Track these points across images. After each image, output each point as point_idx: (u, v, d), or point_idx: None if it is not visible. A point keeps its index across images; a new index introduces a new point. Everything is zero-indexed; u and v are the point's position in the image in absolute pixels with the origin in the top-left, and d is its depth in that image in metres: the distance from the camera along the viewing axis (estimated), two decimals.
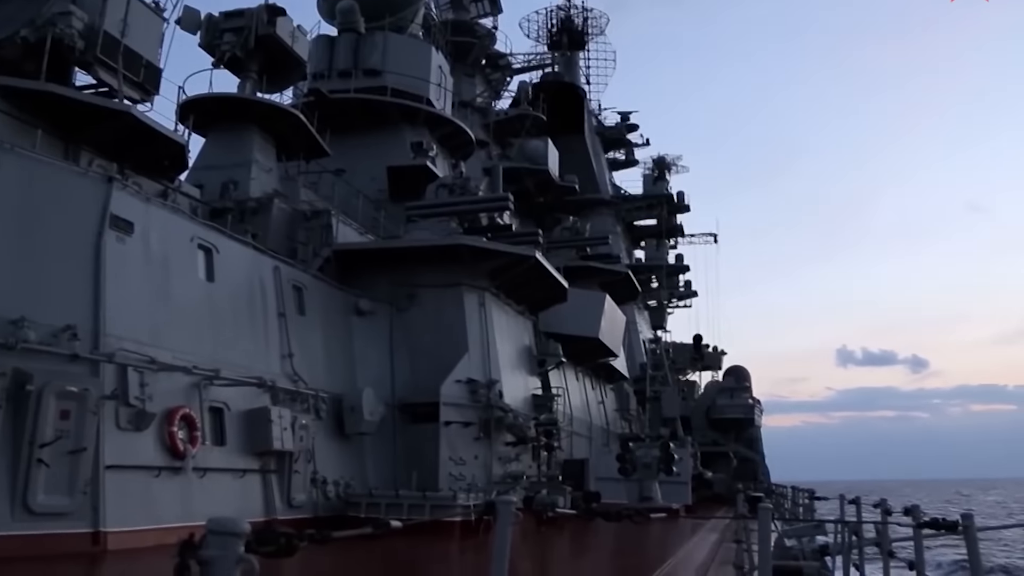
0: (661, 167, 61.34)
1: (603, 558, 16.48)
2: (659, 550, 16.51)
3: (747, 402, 51.89)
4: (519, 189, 33.54)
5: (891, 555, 7.96)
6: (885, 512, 8.24)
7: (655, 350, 50.21)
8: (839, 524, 12.20)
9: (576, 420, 30.58)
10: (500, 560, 3.12)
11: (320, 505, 16.60)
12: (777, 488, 37.04)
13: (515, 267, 22.03)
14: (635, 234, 60.34)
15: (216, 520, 2.33)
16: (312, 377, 17.17)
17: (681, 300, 64.63)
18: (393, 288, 20.61)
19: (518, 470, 21.12)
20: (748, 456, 50.15)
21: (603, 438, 34.59)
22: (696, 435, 46.15)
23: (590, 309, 29.95)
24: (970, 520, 4.89)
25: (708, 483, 40.16)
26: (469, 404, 19.97)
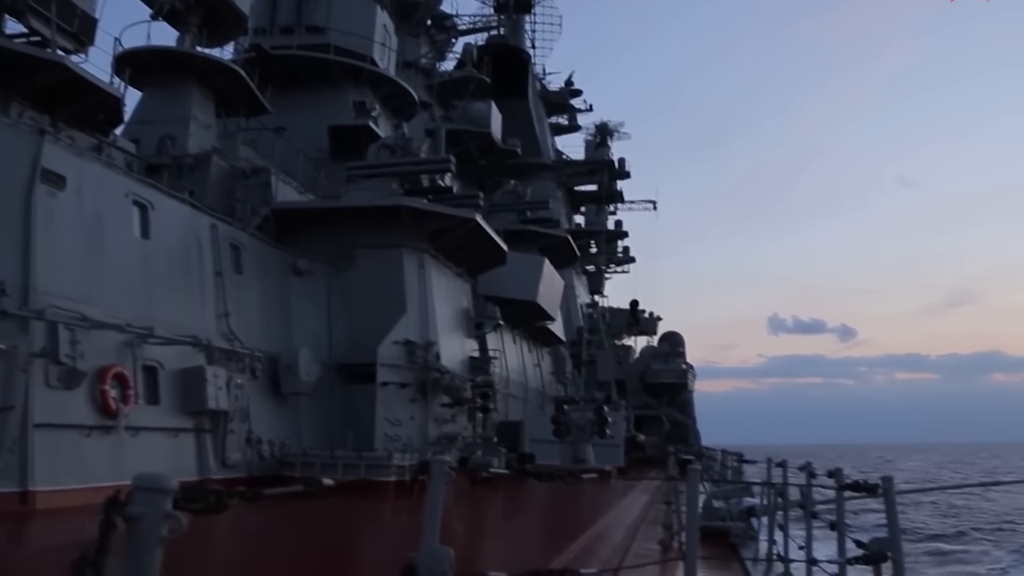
0: (603, 133, 61.51)
1: (536, 518, 16.80)
2: (591, 510, 16.86)
3: (681, 367, 52.75)
4: (461, 151, 33.45)
5: (814, 516, 8.27)
6: (810, 475, 8.54)
7: (592, 314, 50.76)
8: (765, 486, 12.58)
9: (512, 382, 30.87)
10: (433, 519, 3.24)
11: (254, 465, 16.62)
12: (707, 451, 37.85)
13: (455, 229, 22.07)
14: (575, 199, 60.60)
15: (143, 476, 2.26)
16: (248, 336, 17.09)
17: (619, 266, 65.26)
18: (332, 248, 20.51)
19: (454, 431, 21.33)
20: (680, 420, 51.11)
21: (538, 400, 34.98)
22: (630, 399, 46.90)
23: (529, 273, 30.16)
24: (890, 483, 5.16)
25: (640, 446, 40.88)
26: (406, 365, 20.06)
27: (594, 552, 10.95)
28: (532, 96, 51.27)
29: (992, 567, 34.04)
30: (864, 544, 5.30)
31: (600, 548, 11.48)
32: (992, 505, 56.92)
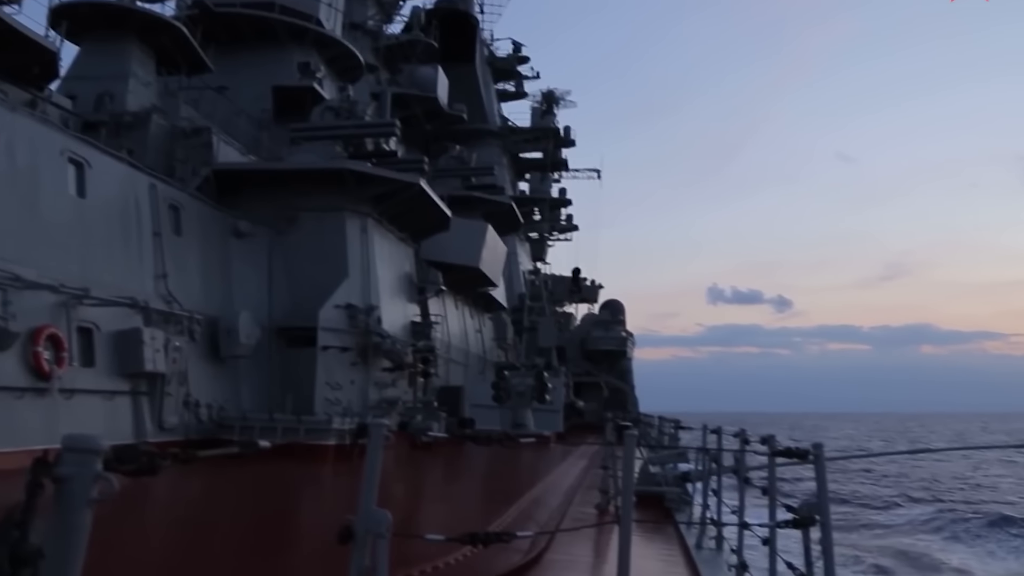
0: (549, 101, 61.33)
1: (475, 482, 16.95)
2: (529, 475, 17.05)
3: (620, 335, 53.24)
4: (407, 116, 33.16)
5: (747, 481, 8.46)
6: (743, 441, 8.73)
7: (534, 281, 50.92)
8: (700, 452, 12.82)
9: (453, 348, 30.92)
10: (370, 482, 3.27)
11: (192, 428, 16.49)
12: (645, 418, 38.33)
13: (399, 194, 21.95)
14: (520, 166, 60.46)
15: (72, 437, 2.19)
16: (187, 298, 16.88)
17: (562, 233, 65.40)
18: (274, 210, 20.29)
19: (394, 396, 21.34)
20: (619, 387, 51.68)
21: (479, 366, 35.09)
22: (570, 365, 47.27)
23: (472, 239, 30.09)
24: (820, 450, 5.31)
25: (580, 412, 41.27)
26: (347, 329, 19.99)
27: (532, 516, 11.10)
28: (479, 62, 50.90)
29: (916, 531, 35.20)
30: (794, 508, 5.46)
31: (538, 512, 11.64)
32: (919, 471, 58.74)
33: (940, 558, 28.77)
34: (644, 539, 11.11)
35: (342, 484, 13.99)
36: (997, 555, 29.82)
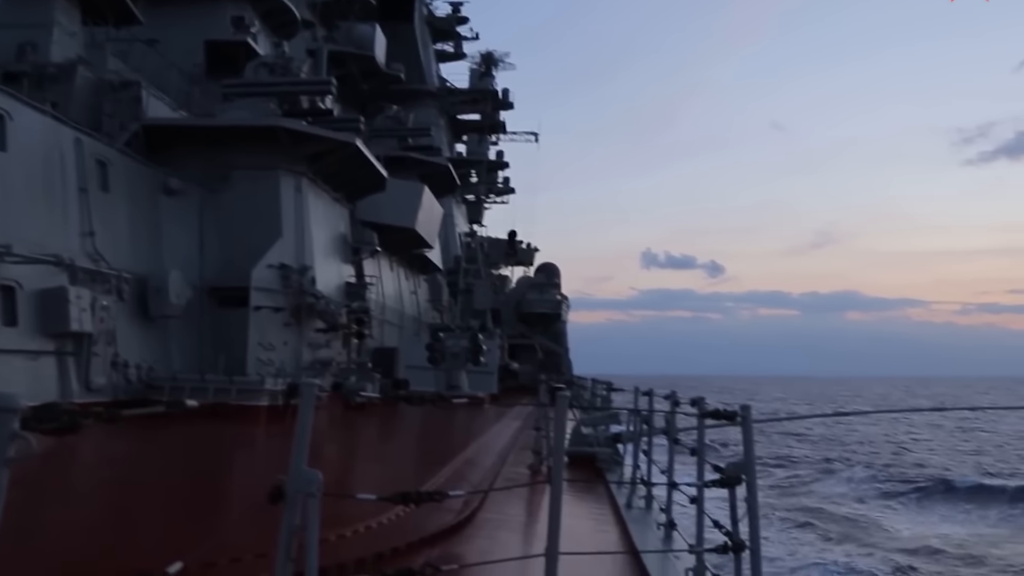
0: (488, 63, 60.88)
1: (409, 443, 17.00)
2: (463, 436, 17.15)
3: (556, 298, 53.54)
4: (343, 74, 32.64)
5: (677, 442, 8.62)
6: (674, 403, 8.88)
7: (470, 244, 50.85)
8: (632, 414, 13.03)
9: (388, 309, 30.81)
10: (301, 442, 3.25)
11: (121, 389, 16.18)
12: (578, 380, 38.76)
13: (334, 153, 21.67)
14: (458, 128, 60.07)
15: None
16: (115, 257, 16.49)
17: (499, 196, 65.32)
18: (205, 168, 19.88)
19: (328, 357, 21.21)
20: (553, 349, 52.08)
21: (414, 327, 35.03)
22: (505, 328, 47.45)
23: (408, 200, 29.89)
24: (747, 411, 5.41)
25: (514, 374, 41.55)
26: (280, 290, 19.77)
27: (465, 476, 11.19)
28: (418, 21, 50.22)
29: (838, 488, 36.32)
30: (721, 468, 5.56)
31: (471, 472, 11.73)
32: (845, 434, 60.47)
33: (848, 512, 29.78)
34: (576, 498, 11.27)
35: (275, 445, 13.92)
36: (913, 513, 30.93)
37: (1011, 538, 25.49)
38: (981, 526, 28.01)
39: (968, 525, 28.15)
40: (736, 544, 5.17)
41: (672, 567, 7.10)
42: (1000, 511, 30.76)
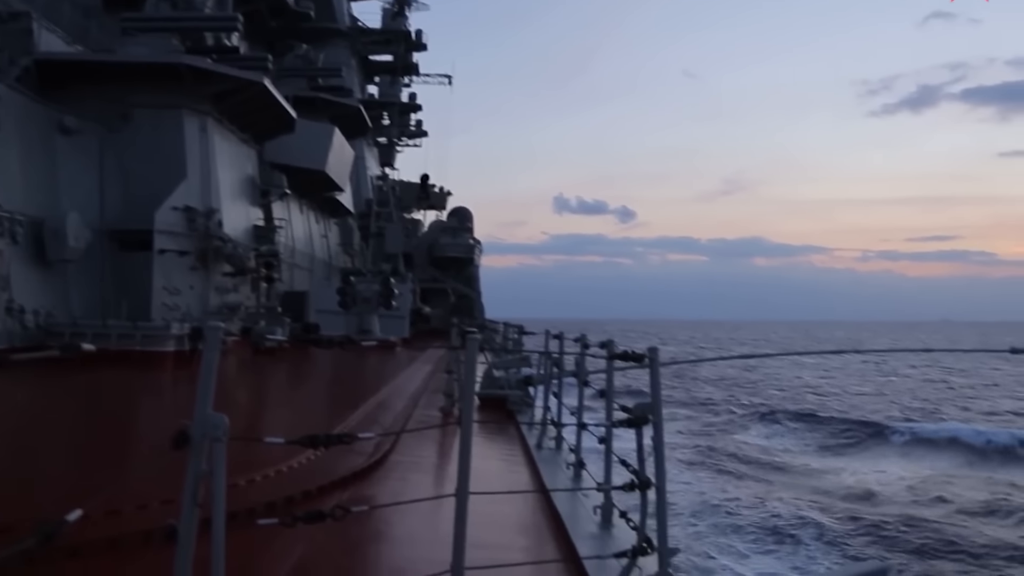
0: (401, 2, 59.65)
1: (320, 386, 16.90)
2: (374, 380, 17.12)
3: (468, 242, 53.46)
4: (250, 11, 31.52)
5: (586, 384, 8.74)
6: (584, 346, 8.96)
7: (382, 187, 50.29)
8: (543, 357, 13.18)
9: (298, 252, 30.38)
10: (206, 385, 3.19)
11: (17, 335, 15.63)
12: (490, 324, 38.95)
13: (241, 92, 21.07)
14: (369, 69, 58.89)
15: None
16: (7, 198, 15.83)
17: (411, 139, 64.54)
18: (104, 106, 19.14)
19: (236, 301, 20.86)
20: (466, 293, 52.14)
21: (325, 271, 34.65)
22: (417, 272, 47.23)
23: (318, 141, 29.33)
24: (655, 353, 5.50)
25: (426, 318, 41.53)
26: (186, 233, 19.29)
27: (376, 419, 11.19)
28: None
29: (745, 427, 37.52)
30: (629, 409, 5.65)
31: (383, 415, 11.74)
32: (751, 375, 62.35)
33: (745, 442, 30.87)
34: (487, 440, 11.39)
35: (182, 391, 13.68)
36: (813, 449, 32.17)
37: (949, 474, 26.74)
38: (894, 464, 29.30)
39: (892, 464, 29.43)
40: (643, 482, 5.29)
41: (581, 505, 7.25)
42: (884, 448, 32.29)
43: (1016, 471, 26.01)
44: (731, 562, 16.60)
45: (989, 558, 16.81)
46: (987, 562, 16.69)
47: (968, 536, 18.11)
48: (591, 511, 6.90)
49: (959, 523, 19.10)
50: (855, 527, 18.78)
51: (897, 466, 27.63)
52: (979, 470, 26.66)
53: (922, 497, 22.09)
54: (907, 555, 17.00)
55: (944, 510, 20.60)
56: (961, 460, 28.52)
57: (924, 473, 26.23)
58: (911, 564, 16.54)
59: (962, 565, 16.62)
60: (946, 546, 17.51)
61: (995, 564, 16.60)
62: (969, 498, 21.84)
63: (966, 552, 17.18)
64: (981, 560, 16.74)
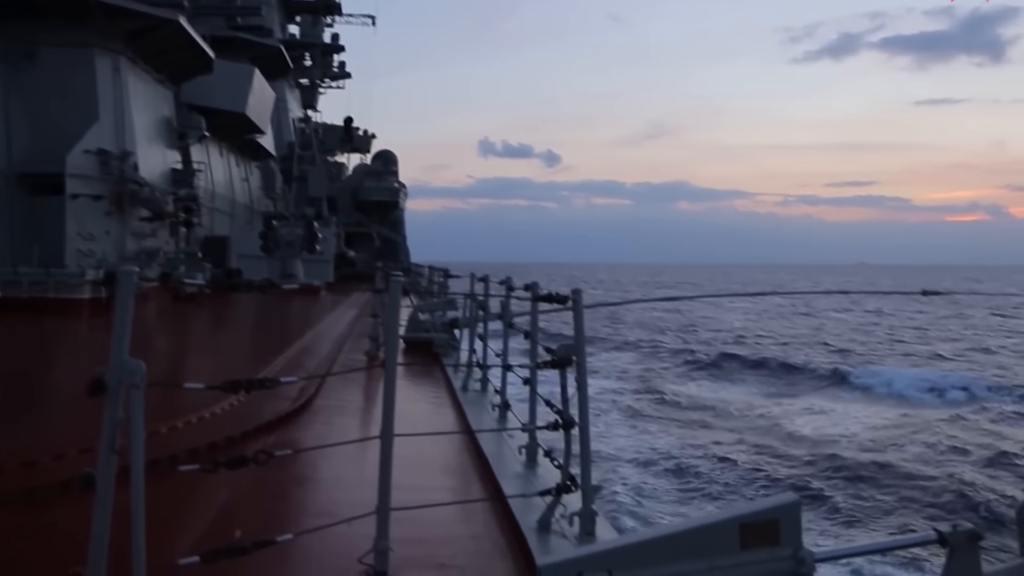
0: None
1: (243, 332, 16.69)
2: (299, 325, 16.98)
3: (393, 186, 52.96)
4: None
5: (511, 326, 8.78)
6: (508, 289, 9.00)
7: (304, 130, 49.29)
8: (468, 299, 13.21)
9: (218, 196, 29.75)
10: (122, 330, 3.11)
11: None
12: (416, 268, 38.78)
13: (155, 31, 20.38)
14: (290, 8, 57.32)
15: None
16: None
17: (334, 81, 63.19)
18: (9, 44, 18.34)
19: (154, 246, 20.40)
20: (391, 237, 51.77)
21: (246, 216, 34.04)
22: (341, 216, 46.71)
23: (237, 82, 28.57)
24: (578, 295, 5.53)
25: (351, 262, 41.21)
26: (99, 176, 18.72)
27: (301, 364, 11.12)
28: None
29: (667, 362, 38.26)
30: (552, 350, 5.69)
31: (306, 360, 11.67)
32: (677, 317, 63.39)
33: (671, 385, 31.52)
34: (413, 383, 11.42)
35: (98, 339, 13.38)
36: (729, 385, 32.97)
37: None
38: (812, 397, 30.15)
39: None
40: (566, 422, 5.36)
41: (506, 445, 7.33)
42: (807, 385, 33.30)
43: (950, 413, 26.49)
44: (662, 506, 16.84)
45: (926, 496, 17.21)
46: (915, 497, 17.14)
47: (913, 475, 18.35)
48: (516, 451, 6.98)
49: (902, 464, 19.31)
50: (799, 470, 19.00)
51: (843, 408, 28.21)
52: (929, 413, 26.82)
53: (868, 441, 22.32)
54: (838, 491, 17.32)
55: (892, 455, 20.58)
56: (906, 405, 28.88)
57: (869, 417, 26.73)
58: (835, 496, 16.92)
59: (887, 497, 17.14)
60: (883, 483, 17.82)
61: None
62: (920, 440, 22.03)
63: (894, 487, 17.57)
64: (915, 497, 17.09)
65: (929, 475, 18.34)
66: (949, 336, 52.62)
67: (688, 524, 1.95)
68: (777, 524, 1.95)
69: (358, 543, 4.39)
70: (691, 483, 18.28)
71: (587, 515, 5.06)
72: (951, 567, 2.00)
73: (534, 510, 5.25)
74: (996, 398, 29.14)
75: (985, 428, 23.43)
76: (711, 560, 1.90)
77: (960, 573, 1.99)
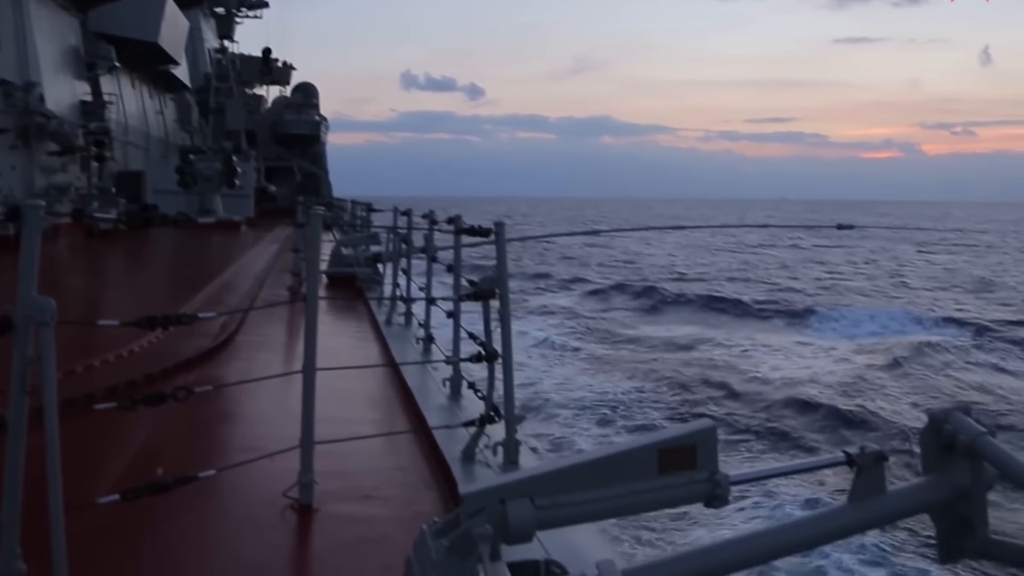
0: None
1: (160, 269, 16.35)
2: (219, 260, 16.69)
3: (314, 119, 51.86)
4: None
5: (434, 260, 8.78)
6: (432, 222, 8.99)
7: (221, 61, 47.83)
8: (391, 233, 13.14)
9: (132, 130, 28.81)
10: (28, 267, 3.01)
11: None
12: (338, 202, 38.26)
13: None
14: None
15: None
16: None
17: (251, 10, 61.13)
18: None
19: (65, 182, 19.72)
20: (312, 172, 50.85)
21: (161, 150, 33.08)
22: (261, 150, 45.67)
23: (148, 10, 27.47)
24: (501, 228, 5.55)
25: (271, 197, 40.53)
26: (3, 108, 17.93)
27: (221, 300, 10.95)
28: None
29: (586, 294, 38.66)
30: (475, 283, 5.71)
31: (227, 296, 11.50)
32: (601, 251, 63.93)
33: (603, 312, 31.93)
34: (336, 318, 11.37)
35: (5, 279, 12.98)
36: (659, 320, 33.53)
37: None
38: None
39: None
40: (489, 353, 5.41)
41: (430, 378, 7.37)
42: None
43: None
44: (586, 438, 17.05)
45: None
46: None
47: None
48: (440, 384, 7.03)
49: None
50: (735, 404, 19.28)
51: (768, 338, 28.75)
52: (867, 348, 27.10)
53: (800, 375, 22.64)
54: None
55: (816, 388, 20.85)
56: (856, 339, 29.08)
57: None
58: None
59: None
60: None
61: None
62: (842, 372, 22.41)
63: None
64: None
65: (847, 407, 18.89)
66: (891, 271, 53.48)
67: (608, 451, 1.99)
68: (694, 449, 2.00)
69: (283, 477, 4.39)
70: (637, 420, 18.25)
71: (511, 445, 5.13)
72: (858, 486, 2.08)
73: (458, 441, 5.31)
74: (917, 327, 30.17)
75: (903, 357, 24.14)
76: (631, 485, 1.94)
77: (866, 491, 2.07)
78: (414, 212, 11.37)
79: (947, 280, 47.40)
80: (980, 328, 29.56)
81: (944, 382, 21.50)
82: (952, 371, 22.79)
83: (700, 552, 1.98)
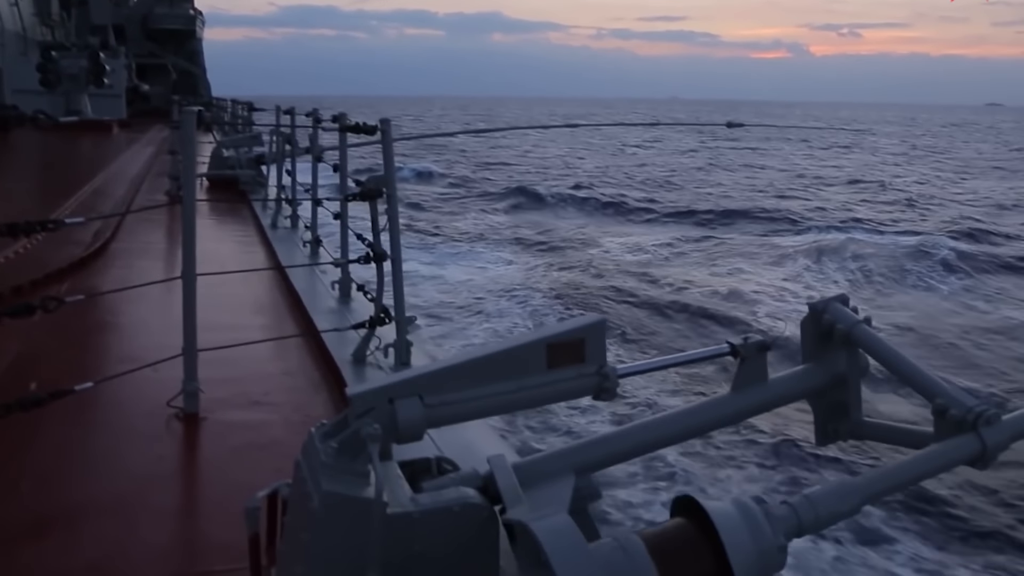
0: None
1: (25, 176, 15.51)
2: (90, 165, 15.93)
3: (188, 13, 49.39)
4: None
5: (319, 160, 8.56)
6: (316, 120, 8.75)
7: None
8: (274, 134, 12.75)
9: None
10: None
11: None
12: (217, 101, 36.81)
13: None
14: None
15: None
16: None
17: None
18: None
19: None
20: (188, 69, 48.69)
21: (20, 46, 31.04)
22: (131, 46, 43.31)
23: None
24: (387, 125, 5.43)
25: (144, 97, 38.71)
26: None
27: (93, 206, 10.48)
28: None
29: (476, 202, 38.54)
30: (362, 182, 5.58)
31: (100, 202, 11.00)
32: (493, 151, 63.48)
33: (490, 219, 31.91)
34: (218, 222, 11.05)
35: None
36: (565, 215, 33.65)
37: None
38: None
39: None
40: (378, 255, 5.33)
41: (319, 281, 7.26)
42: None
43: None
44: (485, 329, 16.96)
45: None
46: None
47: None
48: (329, 287, 6.92)
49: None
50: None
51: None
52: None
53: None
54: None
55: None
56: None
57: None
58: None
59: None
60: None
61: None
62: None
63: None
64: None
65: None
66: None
67: (497, 347, 1.97)
68: (583, 343, 1.99)
69: (166, 387, 4.28)
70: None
71: (402, 346, 5.11)
72: (741, 375, 2.12)
73: (349, 344, 5.26)
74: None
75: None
76: (520, 380, 1.93)
77: (748, 379, 2.11)
78: (297, 111, 11.03)
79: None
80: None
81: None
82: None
83: (586, 445, 1.99)
